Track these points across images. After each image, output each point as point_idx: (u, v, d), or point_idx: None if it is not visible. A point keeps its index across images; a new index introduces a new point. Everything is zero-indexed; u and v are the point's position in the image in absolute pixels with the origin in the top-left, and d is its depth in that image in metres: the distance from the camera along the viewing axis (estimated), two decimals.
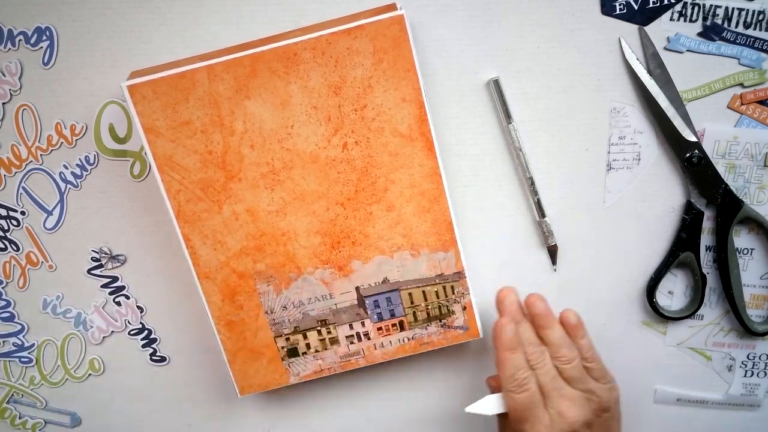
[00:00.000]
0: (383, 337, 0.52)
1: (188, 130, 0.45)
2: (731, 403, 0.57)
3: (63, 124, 0.49)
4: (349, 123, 0.46)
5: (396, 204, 0.48)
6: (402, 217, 0.48)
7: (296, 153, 0.47)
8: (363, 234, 0.49)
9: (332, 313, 0.51)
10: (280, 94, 0.45)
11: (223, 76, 0.44)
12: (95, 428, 0.58)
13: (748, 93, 0.49)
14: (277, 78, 0.45)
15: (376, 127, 0.46)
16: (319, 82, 0.45)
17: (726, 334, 0.56)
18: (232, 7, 0.47)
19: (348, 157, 0.47)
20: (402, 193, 0.48)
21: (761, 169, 0.51)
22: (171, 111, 0.45)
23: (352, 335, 0.51)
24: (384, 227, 0.49)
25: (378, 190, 0.48)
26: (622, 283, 0.55)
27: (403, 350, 0.52)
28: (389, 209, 0.48)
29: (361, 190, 0.48)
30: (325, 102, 0.46)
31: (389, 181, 0.48)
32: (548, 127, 0.51)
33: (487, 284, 0.54)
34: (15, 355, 0.55)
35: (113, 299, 0.54)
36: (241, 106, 0.45)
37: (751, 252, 0.53)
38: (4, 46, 0.47)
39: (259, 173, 0.47)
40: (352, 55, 0.45)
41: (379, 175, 0.48)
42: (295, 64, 0.44)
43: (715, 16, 0.48)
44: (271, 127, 0.46)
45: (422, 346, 0.52)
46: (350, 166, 0.47)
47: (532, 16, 0.48)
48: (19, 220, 0.51)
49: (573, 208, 0.53)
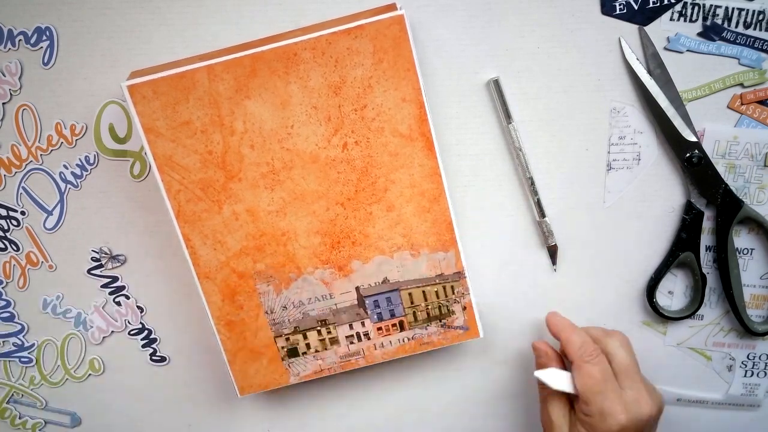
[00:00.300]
0: (383, 337, 0.52)
1: (188, 130, 0.45)
2: (731, 403, 0.57)
3: (63, 124, 0.49)
4: (349, 123, 0.46)
5: (396, 204, 0.48)
6: (402, 217, 0.48)
7: (296, 153, 0.47)
8: (363, 234, 0.49)
9: (332, 313, 0.51)
10: (280, 94, 0.45)
11: (223, 76, 0.44)
12: (95, 428, 0.58)
13: (748, 93, 0.49)
14: (277, 78, 0.45)
15: (376, 127, 0.46)
16: (319, 82, 0.45)
17: (726, 334, 0.56)
18: (232, 7, 0.47)
19: (348, 157, 0.47)
20: (402, 193, 0.48)
21: (761, 169, 0.51)
22: (171, 111, 0.45)
23: (352, 335, 0.51)
24: (384, 227, 0.49)
25: (378, 190, 0.48)
26: (622, 283, 0.55)
27: (403, 350, 0.52)
28: (389, 209, 0.48)
29: (361, 190, 0.48)
30: (325, 102, 0.46)
31: (389, 181, 0.48)
32: (548, 127, 0.51)
33: (487, 284, 0.54)
34: (15, 355, 0.55)
35: (113, 299, 0.54)
36: (241, 106, 0.45)
37: (751, 252, 0.53)
38: (4, 46, 0.47)
39: (259, 173, 0.47)
40: (352, 55, 0.44)
41: (379, 175, 0.47)
42: (295, 64, 0.44)
43: (715, 16, 0.48)
44: (271, 127, 0.46)
45: (422, 346, 0.52)
46: (350, 166, 0.47)
47: (532, 16, 0.48)
48: (19, 220, 0.51)
49: (573, 208, 0.53)
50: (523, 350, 0.57)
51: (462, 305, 0.51)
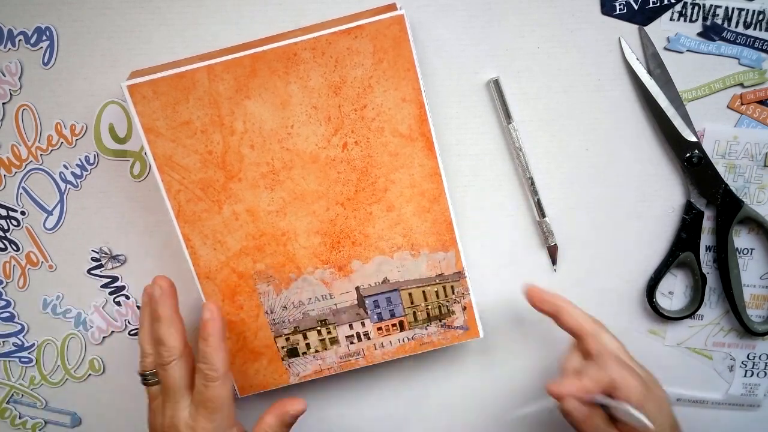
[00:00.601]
0: (383, 337, 0.52)
1: (188, 130, 0.45)
2: (731, 403, 0.57)
3: (63, 124, 0.49)
4: (349, 123, 0.46)
5: (396, 204, 0.48)
6: (402, 217, 0.48)
7: (296, 153, 0.47)
8: (363, 234, 0.49)
9: (332, 313, 0.51)
10: (280, 94, 0.45)
11: (223, 76, 0.44)
12: (95, 428, 0.58)
13: (748, 93, 0.49)
14: (277, 78, 0.45)
15: (376, 127, 0.46)
16: (319, 82, 0.45)
17: (726, 334, 0.56)
18: (232, 7, 0.47)
19: (348, 157, 0.47)
20: (402, 193, 0.48)
21: (761, 169, 0.51)
22: (171, 111, 0.45)
23: (352, 335, 0.51)
24: (384, 227, 0.49)
25: (378, 190, 0.48)
26: (622, 283, 0.55)
27: (403, 350, 0.52)
28: (389, 209, 0.48)
29: (361, 190, 0.48)
30: (325, 102, 0.46)
31: (389, 181, 0.48)
32: (548, 127, 0.51)
33: (487, 284, 0.54)
34: (15, 355, 0.55)
35: (113, 299, 0.54)
36: (241, 106, 0.45)
37: (751, 252, 0.53)
38: (4, 46, 0.47)
39: (259, 173, 0.47)
40: (352, 55, 0.44)
41: (379, 175, 0.47)
42: (295, 64, 0.44)
43: (715, 16, 0.48)
44: (271, 127, 0.46)
45: (422, 346, 0.52)
46: (350, 166, 0.47)
47: (532, 16, 0.48)
48: (19, 220, 0.51)
49: (573, 208, 0.53)
50: (523, 350, 0.57)
51: (462, 305, 0.51)
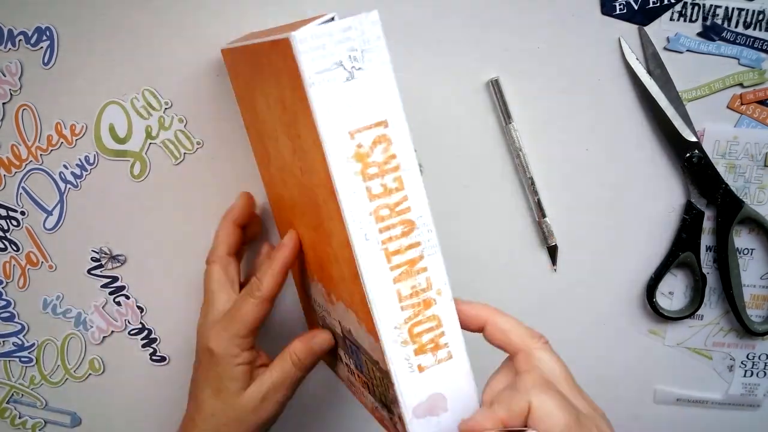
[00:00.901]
0: (362, 387, 0.43)
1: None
2: (731, 403, 0.57)
3: (63, 124, 0.49)
4: (297, 146, 0.36)
5: (339, 255, 0.35)
6: (344, 273, 0.36)
7: (282, 158, 0.41)
8: (329, 271, 0.39)
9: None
10: (266, 95, 0.39)
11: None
12: (95, 428, 0.58)
13: (748, 93, 0.49)
14: (260, 79, 0.39)
15: (309, 161, 0.35)
16: (273, 93, 0.37)
17: (726, 334, 0.56)
18: (233, 7, 0.47)
19: (305, 182, 0.37)
20: (342, 245, 0.34)
21: (761, 169, 0.51)
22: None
23: (348, 363, 0.44)
24: (338, 275, 0.38)
25: (326, 233, 0.37)
26: (622, 284, 0.55)
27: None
28: (335, 259, 0.36)
29: (320, 226, 0.37)
30: (281, 116, 0.37)
31: (330, 228, 0.35)
32: (548, 128, 0.51)
33: (487, 284, 0.54)
34: (15, 355, 0.55)
35: (113, 299, 0.54)
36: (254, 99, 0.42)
37: (751, 252, 0.53)
38: (4, 46, 0.47)
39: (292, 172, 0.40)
40: (278, 73, 0.34)
41: (324, 217, 0.36)
42: (260, 68, 0.37)
43: (715, 16, 0.48)
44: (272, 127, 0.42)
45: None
46: (308, 193, 0.37)
47: (532, 16, 0.48)
48: (19, 220, 0.51)
49: (573, 208, 0.53)
50: None
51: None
